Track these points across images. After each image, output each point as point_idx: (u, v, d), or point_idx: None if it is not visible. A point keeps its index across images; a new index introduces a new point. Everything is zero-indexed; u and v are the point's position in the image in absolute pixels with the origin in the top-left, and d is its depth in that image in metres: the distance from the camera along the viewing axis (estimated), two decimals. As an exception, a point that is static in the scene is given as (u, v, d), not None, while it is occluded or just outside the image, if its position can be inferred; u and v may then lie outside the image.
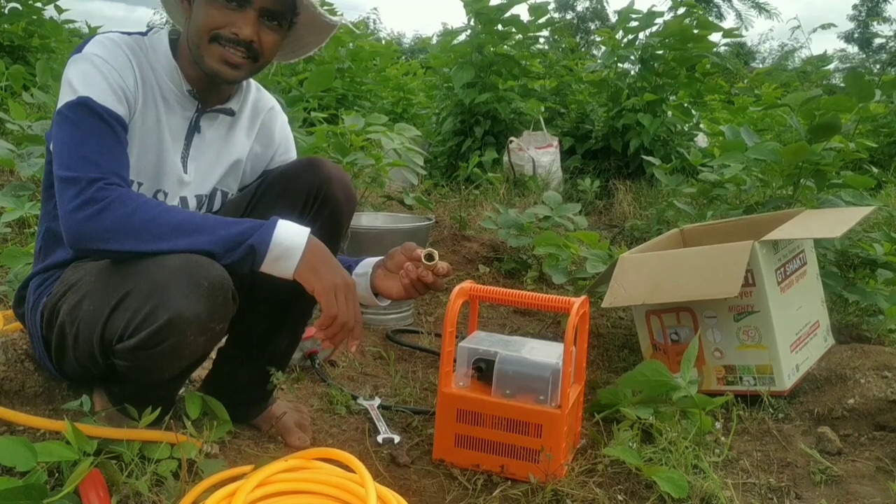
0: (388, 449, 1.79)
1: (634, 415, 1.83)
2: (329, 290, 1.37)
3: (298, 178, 1.59)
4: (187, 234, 1.31)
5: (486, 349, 1.72)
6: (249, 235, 1.34)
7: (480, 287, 1.80)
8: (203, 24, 1.45)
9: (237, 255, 1.34)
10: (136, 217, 1.30)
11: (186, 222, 1.32)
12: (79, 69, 1.39)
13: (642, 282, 2.18)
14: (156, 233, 1.30)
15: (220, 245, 1.33)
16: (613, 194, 5.25)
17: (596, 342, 2.64)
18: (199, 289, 1.28)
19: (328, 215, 1.58)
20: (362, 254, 1.72)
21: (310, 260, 1.37)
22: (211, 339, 1.35)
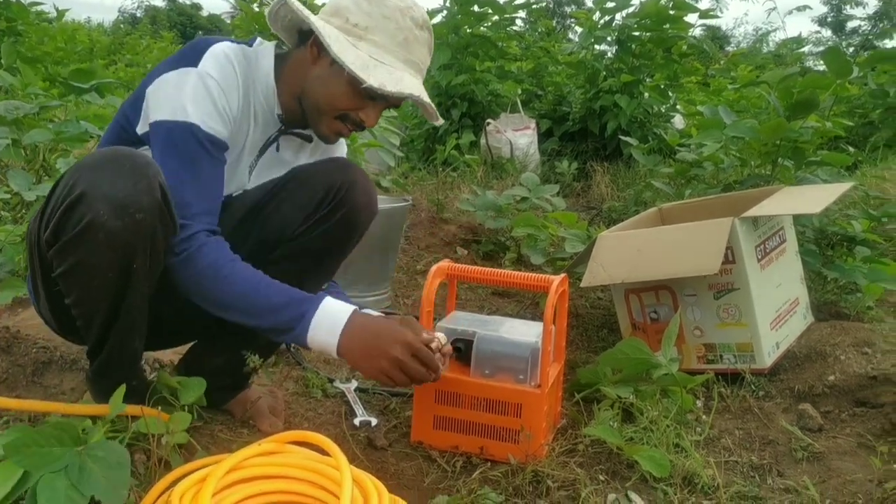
0: (365, 432, 1.76)
1: (615, 394, 1.81)
2: (379, 376, 1.43)
3: (324, 173, 1.63)
4: (238, 311, 1.43)
5: (465, 329, 1.70)
6: (291, 328, 1.42)
7: (458, 266, 1.77)
8: (336, 102, 1.51)
9: (282, 340, 1.53)
10: (202, 282, 1.41)
11: (239, 300, 1.42)
12: (192, 88, 1.43)
13: (621, 260, 2.16)
14: (213, 300, 1.43)
15: (264, 330, 1.44)
16: (591, 176, 5.24)
17: (575, 322, 2.62)
18: (120, 168, 1.28)
19: (343, 216, 1.60)
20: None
21: (348, 354, 1.43)
22: (130, 228, 1.27)
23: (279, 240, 1.63)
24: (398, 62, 1.49)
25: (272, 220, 1.63)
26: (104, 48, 9.85)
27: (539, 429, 1.62)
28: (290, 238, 1.62)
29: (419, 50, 1.52)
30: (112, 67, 7.46)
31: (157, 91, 1.44)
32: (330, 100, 1.51)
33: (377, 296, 2.81)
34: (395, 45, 1.49)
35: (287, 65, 1.55)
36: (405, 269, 3.21)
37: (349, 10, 1.49)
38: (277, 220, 1.63)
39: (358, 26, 1.48)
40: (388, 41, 1.48)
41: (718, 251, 1.97)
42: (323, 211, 1.61)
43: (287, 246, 1.63)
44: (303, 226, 1.62)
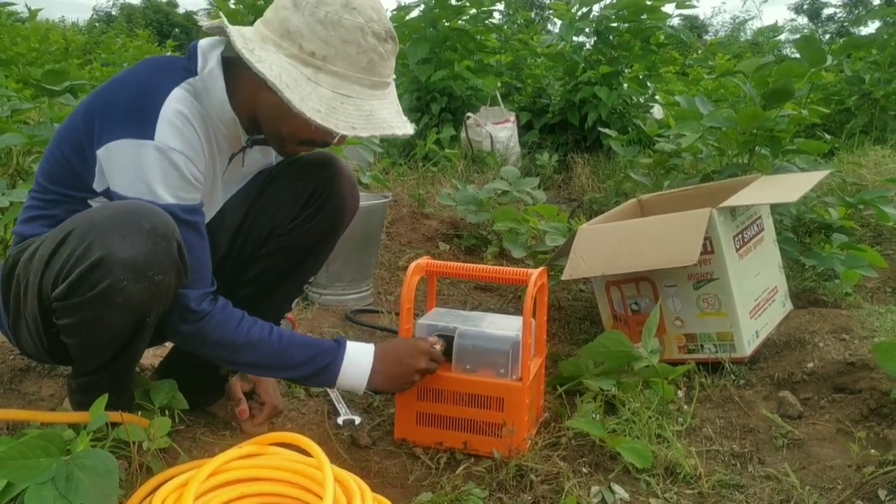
0: (348, 431, 1.76)
1: (597, 386, 1.82)
2: (409, 387, 1.65)
3: (312, 169, 1.66)
4: (257, 369, 1.57)
5: (445, 325, 1.70)
6: (317, 378, 1.55)
7: (437, 262, 1.77)
8: (300, 134, 1.44)
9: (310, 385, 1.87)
10: (217, 351, 1.47)
11: (259, 362, 1.50)
12: (156, 166, 1.33)
13: (602, 253, 2.16)
14: (229, 362, 1.53)
15: (288, 379, 1.64)
16: (572, 168, 5.24)
17: (557, 315, 2.63)
18: (139, 231, 1.26)
19: (332, 208, 1.65)
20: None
21: (378, 387, 1.60)
22: (150, 290, 1.28)
23: (269, 236, 1.64)
24: (364, 90, 1.38)
25: (262, 218, 1.64)
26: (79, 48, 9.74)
27: (521, 422, 1.62)
28: (279, 234, 1.64)
29: (385, 66, 1.41)
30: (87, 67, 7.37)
31: (113, 160, 1.33)
32: (292, 132, 1.44)
33: (359, 293, 2.80)
34: (359, 71, 1.37)
35: (237, 83, 1.43)
36: (387, 266, 3.20)
37: (302, 35, 1.34)
38: (266, 218, 1.64)
39: (315, 55, 1.34)
40: (352, 68, 1.36)
41: (697, 242, 1.98)
42: (312, 206, 1.64)
43: (276, 242, 1.64)
44: (292, 222, 1.64)
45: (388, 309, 2.71)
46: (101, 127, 1.34)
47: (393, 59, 1.43)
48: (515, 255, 3.01)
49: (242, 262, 1.67)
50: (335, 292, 2.77)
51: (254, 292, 1.67)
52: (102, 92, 1.40)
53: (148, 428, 1.44)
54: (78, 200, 1.41)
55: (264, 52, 1.34)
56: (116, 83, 1.40)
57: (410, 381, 1.62)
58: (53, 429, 1.36)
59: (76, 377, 1.50)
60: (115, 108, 1.35)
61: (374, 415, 1.86)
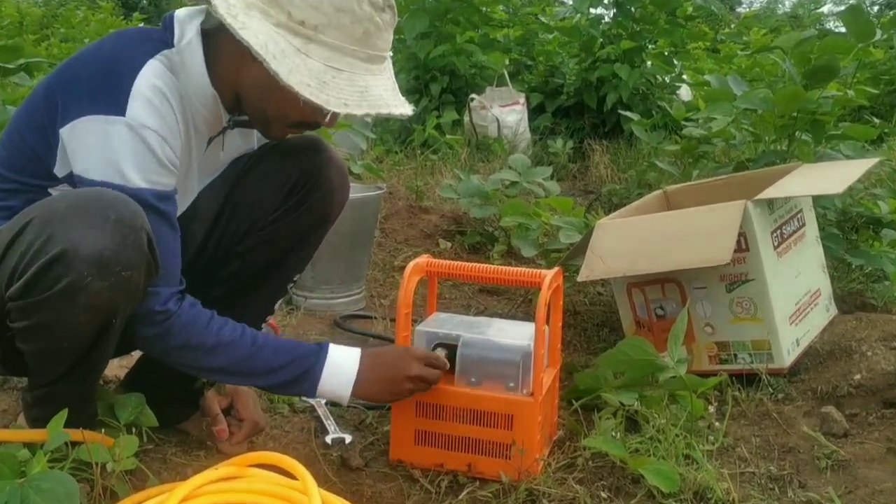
0: (338, 451, 1.76)
1: (617, 401, 1.82)
2: (402, 397, 1.63)
3: (298, 154, 1.66)
4: (232, 376, 1.55)
5: (447, 332, 1.70)
6: (296, 385, 1.55)
7: (438, 262, 1.77)
8: (287, 114, 1.45)
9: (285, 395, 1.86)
10: (186, 355, 1.48)
11: (233, 367, 1.51)
12: (127, 146, 1.33)
13: (622, 251, 2.16)
14: (199, 368, 1.54)
15: (265, 388, 1.65)
16: (588, 156, 5.25)
17: (572, 321, 2.63)
18: (105, 221, 1.25)
19: (319, 198, 1.66)
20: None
21: (364, 395, 1.61)
22: (116, 288, 1.28)
23: (248, 229, 1.64)
24: (359, 63, 1.39)
25: (240, 211, 1.64)
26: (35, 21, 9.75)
27: (533, 442, 1.62)
28: (260, 227, 1.64)
29: (382, 38, 1.41)
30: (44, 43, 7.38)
31: (78, 140, 1.34)
32: (279, 111, 1.44)
33: (349, 297, 2.80)
34: (353, 42, 1.37)
35: (219, 56, 1.44)
36: (381, 266, 3.21)
37: (291, 1, 1.34)
38: (246, 209, 1.64)
39: (305, 24, 1.34)
40: (345, 39, 1.36)
41: (730, 239, 1.98)
42: (296, 196, 1.65)
43: (257, 236, 1.65)
44: (274, 213, 1.64)
45: (383, 314, 2.71)
46: (66, 103, 1.34)
47: (391, 30, 1.44)
48: (525, 253, 3.01)
49: (218, 258, 1.67)
50: (322, 296, 2.77)
51: (230, 293, 1.67)
52: (67, 66, 1.40)
53: (112, 447, 1.44)
54: (38, 189, 1.42)
55: (249, 19, 1.34)
56: (83, 56, 1.41)
57: (401, 390, 1.61)
58: (7, 448, 1.36)
59: (32, 389, 1.49)
60: (82, 81, 1.35)
61: (367, 433, 1.86)
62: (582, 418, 1.87)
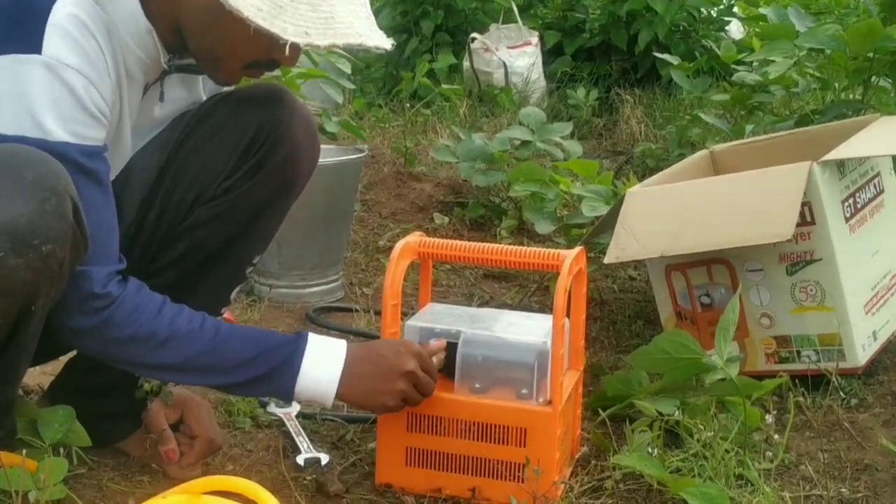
0: (312, 473, 1.77)
1: (653, 409, 1.82)
2: (386, 408, 1.63)
3: (252, 106, 1.66)
4: (188, 373, 1.55)
5: (445, 328, 1.70)
6: (269, 382, 1.54)
7: (434, 241, 1.77)
8: (238, 52, 1.46)
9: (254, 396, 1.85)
10: (131, 349, 1.49)
11: (191, 363, 1.51)
12: (45, 90, 1.32)
13: (660, 225, 2.16)
14: (147, 366, 1.54)
15: (230, 387, 1.63)
16: (617, 109, 5.24)
17: (599, 312, 2.63)
18: (19, 183, 1.25)
19: (281, 161, 1.64)
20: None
21: (349, 398, 1.62)
22: (35, 265, 1.27)
23: (196, 200, 1.64)
24: None
25: (184, 177, 1.64)
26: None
27: (551, 461, 1.63)
28: (209, 199, 1.64)
29: None
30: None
31: None
32: (227, 47, 1.44)
33: (324, 285, 2.81)
34: None
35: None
36: (362, 247, 3.21)
37: None
38: (191, 175, 1.64)
39: None
40: None
41: (791, 209, 1.98)
42: (254, 157, 1.64)
43: (206, 209, 1.64)
44: (226, 180, 1.63)
45: (365, 306, 2.72)
46: None
47: None
48: (541, 230, 3.01)
49: (160, 238, 1.66)
50: (291, 283, 2.77)
51: (175, 281, 1.66)
52: None
53: (36, 472, 1.45)
54: None
55: None
56: None
57: (396, 391, 1.60)
58: None
59: None
60: None
61: (348, 451, 1.86)
62: (611, 431, 1.87)
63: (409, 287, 2.63)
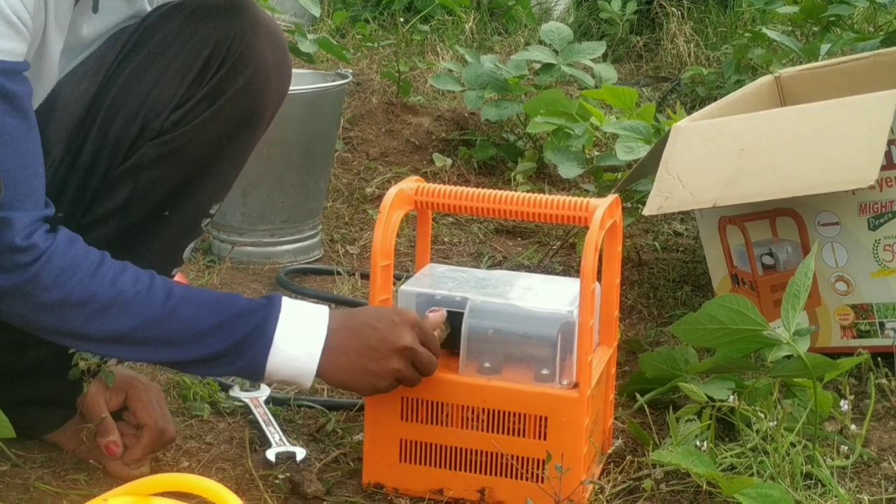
0: (286, 471, 1.77)
1: (702, 394, 1.82)
2: (374, 388, 1.62)
3: (207, 19, 1.65)
4: (132, 348, 1.55)
5: (448, 294, 1.70)
6: (236, 357, 1.53)
7: (433, 188, 1.76)
8: None
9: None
10: (63, 316, 1.48)
11: (136, 332, 1.50)
12: None
13: (712, 169, 2.16)
14: (84, 336, 1.51)
15: (185, 364, 1.62)
16: (661, 24, 5.21)
17: (637, 276, 2.64)
18: None
19: (243, 86, 1.64)
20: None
21: (331, 377, 1.61)
22: None
23: (140, 135, 1.63)
24: None
25: (124, 107, 1.63)
26: None
27: (577, 456, 1.63)
28: (155, 134, 1.63)
29: None
30: None
31: None
32: None
33: (299, 242, 2.81)
34: None
35: None
36: (346, 195, 3.20)
37: None
38: (133, 105, 1.63)
39: None
40: None
41: (876, 149, 1.97)
42: (208, 83, 1.63)
43: (152, 146, 1.64)
44: (176, 111, 1.63)
45: (350, 268, 2.72)
46: None
47: None
48: (565, 174, 3.00)
49: (95, 183, 1.66)
50: (258, 240, 2.78)
51: (117, 236, 1.66)
52: None
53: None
54: None
55: None
56: None
57: (389, 370, 1.59)
58: None
59: None
60: None
61: (329, 445, 1.87)
62: (650, 420, 1.88)
63: (404, 245, 2.64)
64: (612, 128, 2.91)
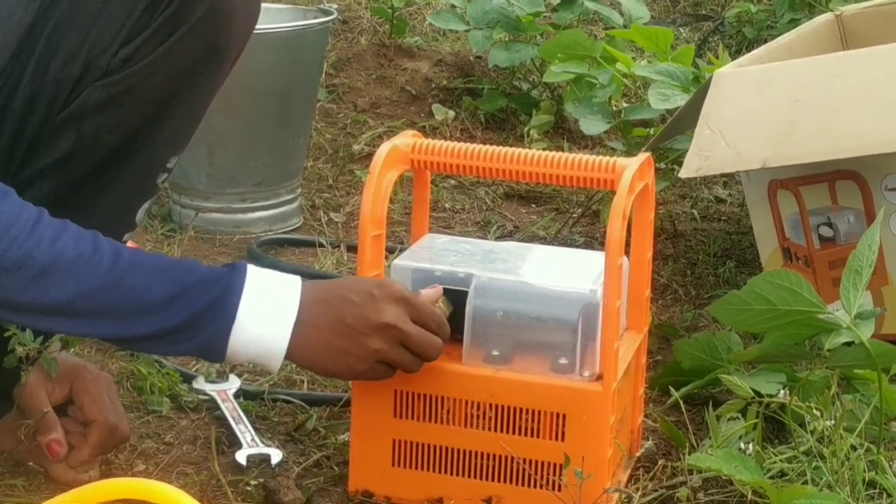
0: (259, 476, 1.78)
1: (747, 387, 1.82)
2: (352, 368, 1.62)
3: None
4: (74, 320, 1.52)
5: (450, 270, 1.71)
6: (193, 332, 1.52)
7: (432, 145, 1.76)
8: None
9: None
10: None
11: (81, 301, 1.48)
12: None
13: (761, 123, 2.15)
14: (19, 306, 1.49)
15: (133, 340, 1.58)
16: (701, -47, 5.21)
17: (672, 249, 2.64)
18: None
19: (203, 16, 1.62)
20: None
21: (304, 358, 1.61)
22: None
23: (83, 76, 1.63)
24: None
25: (64, 42, 1.63)
26: None
27: (601, 460, 1.64)
28: (101, 74, 1.63)
29: None
30: None
31: None
32: None
33: (274, 208, 2.81)
34: None
35: None
36: (329, 153, 3.21)
37: None
38: (74, 39, 1.62)
39: None
40: None
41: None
42: (162, 13, 1.61)
43: (97, 90, 1.63)
44: (126, 47, 1.62)
45: (334, 238, 2.73)
46: None
47: None
48: (588, 129, 3.00)
49: (32, 132, 1.64)
50: (227, 205, 2.78)
51: (58, 193, 1.66)
52: None
53: None
54: None
55: None
56: None
57: (367, 351, 1.59)
58: None
59: None
60: None
61: (310, 446, 1.88)
62: (686, 419, 1.88)
63: (398, 212, 2.64)
64: (645, 71, 2.90)
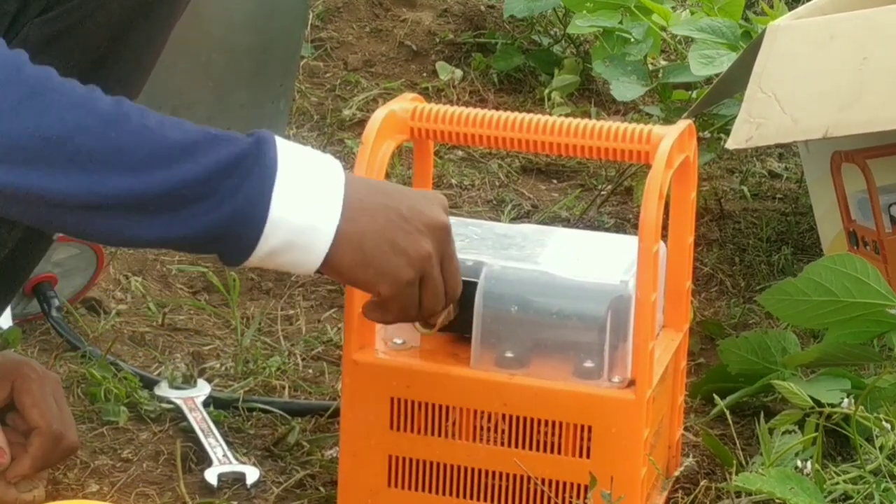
0: (231, 498, 1.80)
1: (805, 395, 1.83)
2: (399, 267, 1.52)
3: None
4: (73, 163, 1.37)
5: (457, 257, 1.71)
6: (230, 193, 1.38)
7: (437, 110, 1.77)
8: None
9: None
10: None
11: (72, 135, 1.37)
12: None
13: (823, 86, 2.16)
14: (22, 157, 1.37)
15: (151, 203, 1.39)
16: None
17: (717, 233, 2.65)
18: None
19: None
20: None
21: (353, 251, 1.48)
22: None
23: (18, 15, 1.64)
24: None
25: None
26: None
27: (633, 481, 1.64)
28: (40, 9, 1.65)
29: None
30: None
31: None
32: None
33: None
34: None
35: None
36: (315, 119, 3.22)
37: None
38: None
39: None
40: None
41: None
42: None
43: (35, 28, 1.65)
44: None
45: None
46: None
47: None
48: (619, 94, 3.01)
49: None
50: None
51: None
52: None
53: None
54: None
55: None
56: None
57: (419, 254, 1.53)
58: None
59: None
60: None
61: (291, 463, 1.89)
62: (733, 432, 1.88)
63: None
64: (684, 29, 2.91)
